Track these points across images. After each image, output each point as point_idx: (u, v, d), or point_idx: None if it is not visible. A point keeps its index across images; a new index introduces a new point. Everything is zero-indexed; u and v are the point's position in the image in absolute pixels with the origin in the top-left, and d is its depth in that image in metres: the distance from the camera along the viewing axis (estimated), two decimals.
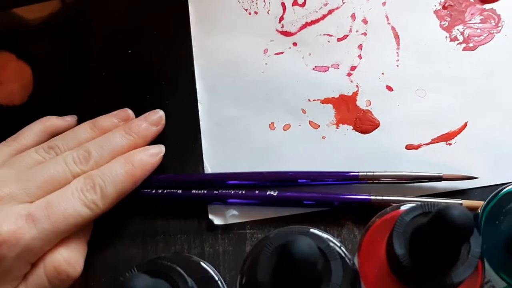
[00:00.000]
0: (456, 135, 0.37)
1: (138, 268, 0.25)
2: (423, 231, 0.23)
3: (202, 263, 0.30)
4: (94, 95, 0.41)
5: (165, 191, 0.36)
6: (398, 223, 0.24)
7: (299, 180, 0.37)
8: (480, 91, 0.39)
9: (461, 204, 0.34)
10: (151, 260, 0.28)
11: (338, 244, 0.28)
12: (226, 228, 0.36)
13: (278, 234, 0.26)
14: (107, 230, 0.36)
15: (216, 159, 0.38)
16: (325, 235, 0.26)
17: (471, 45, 0.40)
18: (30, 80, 0.41)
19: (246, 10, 0.43)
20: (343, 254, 0.27)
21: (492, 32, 0.40)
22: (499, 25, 0.41)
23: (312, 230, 0.26)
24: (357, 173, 0.36)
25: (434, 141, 0.37)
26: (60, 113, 0.40)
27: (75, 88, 0.42)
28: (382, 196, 0.35)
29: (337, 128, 0.39)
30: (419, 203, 0.25)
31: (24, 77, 0.43)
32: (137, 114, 0.40)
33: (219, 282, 0.28)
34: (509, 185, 0.29)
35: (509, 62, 0.39)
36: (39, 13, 0.45)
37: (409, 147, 0.37)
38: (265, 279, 0.24)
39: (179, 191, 0.36)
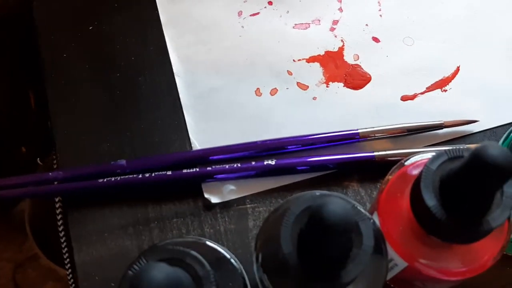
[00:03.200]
0: (450, 81, 0.36)
1: (146, 257, 0.22)
2: (455, 177, 0.22)
3: (208, 243, 0.27)
4: (59, 80, 0.37)
5: (153, 174, 0.33)
6: (424, 172, 0.23)
7: (290, 147, 0.34)
8: (467, 33, 0.37)
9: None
10: (154, 247, 0.25)
11: (353, 202, 0.26)
12: (224, 205, 0.33)
13: (295, 201, 0.24)
14: (94, 224, 0.33)
15: (203, 134, 0.35)
16: (344, 196, 0.24)
17: None
18: None
19: None
20: (365, 214, 0.25)
21: None
22: None
23: (336, 194, 0.24)
24: (356, 131, 0.34)
25: (429, 89, 0.36)
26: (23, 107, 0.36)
27: (33, 74, 0.38)
28: (385, 151, 0.33)
29: (327, 86, 0.36)
30: (442, 150, 0.23)
31: None
32: (109, 95, 0.37)
33: (232, 260, 0.25)
34: None
35: (491, 0, 0.38)
36: None
37: (404, 98, 0.36)
38: (289, 250, 0.22)
39: (169, 173, 0.33)
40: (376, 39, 0.38)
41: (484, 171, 0.20)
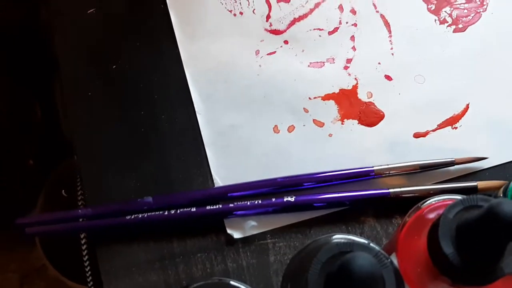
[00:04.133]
0: (460, 118, 0.38)
1: None
2: (470, 228, 0.23)
3: (232, 282, 0.29)
4: (84, 118, 0.39)
5: (178, 211, 0.35)
6: (442, 221, 0.24)
7: (307, 184, 0.36)
8: (476, 71, 0.39)
9: (476, 186, 0.34)
10: None
11: (374, 246, 0.27)
12: (246, 240, 0.35)
13: (321, 248, 0.25)
14: (122, 259, 0.34)
15: (224, 170, 0.37)
16: (366, 241, 0.26)
17: (460, 26, 0.40)
18: None
19: (231, 11, 0.42)
20: (383, 257, 0.27)
21: (478, 11, 0.41)
22: (484, 3, 0.41)
23: (359, 241, 0.25)
24: (372, 168, 0.35)
25: (440, 126, 0.38)
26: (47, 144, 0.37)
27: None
28: (400, 188, 0.35)
29: (342, 124, 0.38)
30: (459, 198, 0.25)
31: None
32: (133, 133, 0.38)
33: None
34: None
35: (499, 39, 0.40)
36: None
37: (417, 135, 0.37)
38: None
39: (193, 209, 0.35)
40: (388, 77, 0.39)
41: (498, 226, 0.21)
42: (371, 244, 0.26)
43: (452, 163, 0.35)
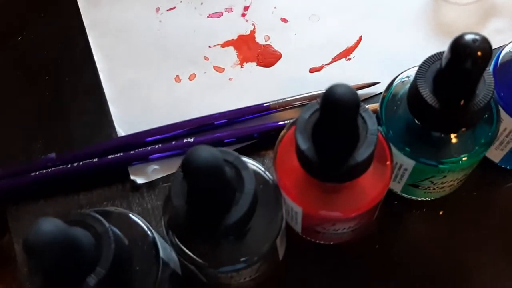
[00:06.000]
0: (353, 50, 0.39)
1: None
2: (319, 121, 0.24)
3: (131, 215, 0.29)
4: None
5: (80, 163, 0.35)
6: (298, 121, 0.25)
7: (215, 122, 0.37)
8: (367, 7, 0.40)
9: (367, 108, 0.35)
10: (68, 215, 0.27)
11: (262, 168, 0.28)
12: (150, 185, 0.35)
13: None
14: (30, 215, 0.35)
15: (128, 124, 0.38)
16: (243, 157, 0.26)
17: None
18: None
19: None
20: (261, 171, 0.28)
21: None
22: None
23: (220, 148, 0.26)
24: (268, 103, 0.36)
25: (334, 59, 0.39)
26: None
27: None
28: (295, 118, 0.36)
29: (241, 67, 0.39)
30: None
31: None
32: (40, 97, 0.39)
33: (149, 232, 0.27)
34: (399, 76, 0.31)
35: None
36: None
37: (312, 70, 0.38)
38: (180, 202, 0.24)
39: (95, 160, 0.35)
40: (284, 20, 0.40)
41: (333, 107, 0.22)
42: (249, 160, 0.27)
43: None
